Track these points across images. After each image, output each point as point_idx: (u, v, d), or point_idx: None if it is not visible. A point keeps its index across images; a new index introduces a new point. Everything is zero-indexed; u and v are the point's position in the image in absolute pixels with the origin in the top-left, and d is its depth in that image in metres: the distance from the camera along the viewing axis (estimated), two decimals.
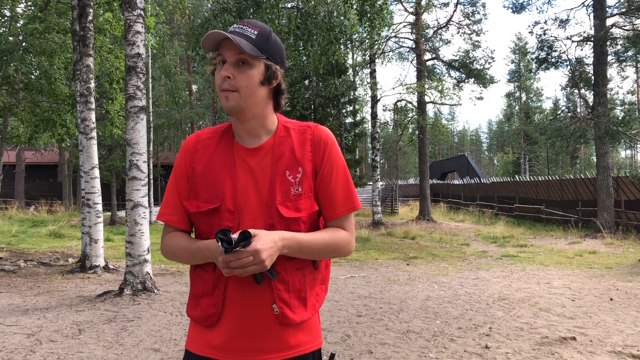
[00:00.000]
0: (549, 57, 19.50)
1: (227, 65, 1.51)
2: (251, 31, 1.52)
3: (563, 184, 21.20)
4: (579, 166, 49.18)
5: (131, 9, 7.65)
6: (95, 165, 9.67)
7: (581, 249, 13.27)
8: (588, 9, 18.59)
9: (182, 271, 9.71)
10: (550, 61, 19.52)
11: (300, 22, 12.33)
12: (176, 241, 1.61)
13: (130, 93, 7.66)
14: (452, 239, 16.33)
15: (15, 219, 20.82)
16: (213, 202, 1.55)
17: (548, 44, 19.42)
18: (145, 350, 4.83)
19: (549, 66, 19.70)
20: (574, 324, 5.77)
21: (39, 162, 34.78)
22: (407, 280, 8.87)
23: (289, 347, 1.57)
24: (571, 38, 18.79)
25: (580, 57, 19.73)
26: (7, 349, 4.86)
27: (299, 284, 1.58)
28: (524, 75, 55.72)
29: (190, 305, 1.64)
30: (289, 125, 1.65)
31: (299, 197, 1.56)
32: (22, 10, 14.35)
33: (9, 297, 7.32)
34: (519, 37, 57.54)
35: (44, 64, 12.39)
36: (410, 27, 25.07)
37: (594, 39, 17.37)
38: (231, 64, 1.51)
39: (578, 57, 19.65)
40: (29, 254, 11.68)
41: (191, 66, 35.05)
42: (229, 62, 1.52)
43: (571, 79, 19.50)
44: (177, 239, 1.61)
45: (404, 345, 5.00)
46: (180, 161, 1.64)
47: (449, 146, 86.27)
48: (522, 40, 55.97)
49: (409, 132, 25.59)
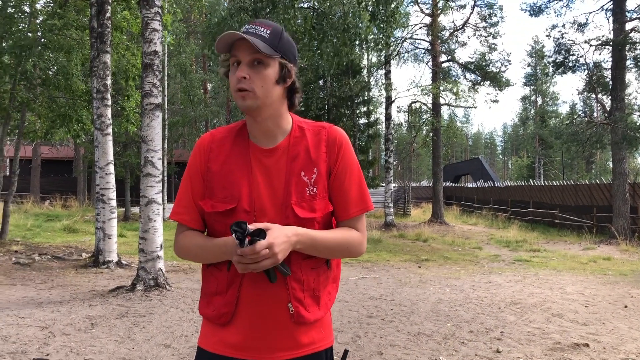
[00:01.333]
0: (566, 61, 19.33)
1: (243, 65, 1.51)
2: (264, 31, 1.52)
3: (578, 189, 20.99)
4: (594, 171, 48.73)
5: (149, 7, 7.70)
6: (110, 161, 9.75)
7: (595, 255, 13.13)
8: (607, 12, 18.42)
9: (193, 268, 9.76)
10: (567, 65, 19.35)
11: (315, 23, 12.34)
12: (192, 240, 1.61)
13: (146, 90, 7.72)
14: (464, 242, 16.25)
15: (30, 213, 21.06)
16: (229, 202, 1.55)
17: (565, 47, 19.26)
18: (156, 346, 4.86)
19: (566, 70, 19.54)
20: (587, 331, 5.71)
21: (54, 157, 35.12)
22: (418, 282, 8.84)
23: (302, 345, 1.57)
24: (589, 42, 18.60)
25: (598, 62, 19.53)
26: (22, 341, 4.92)
27: (313, 283, 1.58)
28: (540, 78, 55.30)
29: (203, 303, 1.64)
30: (304, 126, 1.65)
31: (314, 198, 1.56)
32: (41, 7, 14.51)
33: (24, 290, 7.40)
34: (536, 40, 57.14)
35: (61, 60, 12.51)
36: (427, 29, 25.00)
37: (613, 43, 17.19)
38: (246, 64, 1.51)
39: (596, 62, 19.47)
40: (44, 247, 11.82)
41: (207, 64, 35.24)
42: (243, 63, 1.51)
43: (588, 83, 19.32)
44: (192, 237, 1.61)
45: (414, 347, 4.98)
46: (194, 160, 1.64)
47: (463, 149, 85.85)
48: (539, 44, 55.55)
49: (423, 134, 25.52)
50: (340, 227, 1.64)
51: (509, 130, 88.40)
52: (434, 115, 23.61)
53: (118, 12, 11.86)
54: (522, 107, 63.34)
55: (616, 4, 17.53)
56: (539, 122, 51.97)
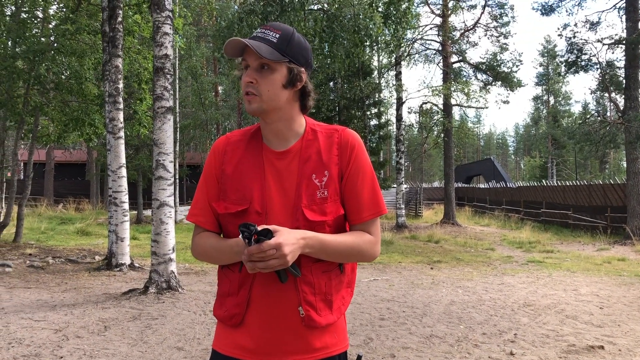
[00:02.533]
0: (578, 60, 19.17)
1: (250, 70, 1.54)
2: (273, 35, 1.54)
3: (592, 189, 20.79)
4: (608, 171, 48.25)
5: (160, 11, 7.74)
6: (122, 165, 9.81)
7: (610, 256, 12.99)
8: (620, 11, 18.23)
9: (206, 270, 9.79)
10: (579, 64, 19.19)
11: (326, 25, 12.34)
12: (206, 241, 1.63)
13: (157, 94, 7.75)
14: (477, 244, 16.16)
15: (44, 216, 21.25)
16: (241, 204, 1.56)
17: (578, 46, 19.10)
18: (169, 349, 4.88)
19: (578, 69, 19.37)
20: (602, 333, 5.64)
21: (67, 161, 35.45)
22: (430, 284, 8.79)
23: (314, 349, 1.57)
24: (602, 41, 18.44)
25: (611, 60, 19.33)
26: (36, 344, 4.96)
27: (325, 287, 1.58)
28: (552, 78, 54.85)
29: (217, 304, 1.66)
30: (317, 129, 1.66)
31: (325, 201, 1.56)
32: (54, 12, 14.65)
33: (38, 293, 7.46)
34: (548, 40, 56.76)
35: (74, 64, 12.61)
36: (437, 29, 24.93)
37: (626, 42, 17.02)
38: (253, 69, 1.54)
39: (609, 60, 19.27)
40: (57, 250, 11.91)
41: (217, 67, 35.35)
42: (251, 67, 1.54)
43: (601, 82, 19.15)
44: (207, 238, 1.64)
45: (427, 350, 4.95)
46: (210, 163, 1.67)
47: (475, 149, 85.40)
48: (551, 43, 55.10)
49: (434, 134, 25.40)
50: (353, 230, 1.63)
51: (521, 130, 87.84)
52: (445, 116, 23.51)
53: (129, 17, 11.94)
54: (534, 107, 62.85)
55: (629, 2, 17.35)
56: (551, 122, 51.55)
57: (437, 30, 24.94)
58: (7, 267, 9.33)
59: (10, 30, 12.07)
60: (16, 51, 12.20)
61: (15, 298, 7.09)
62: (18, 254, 10.97)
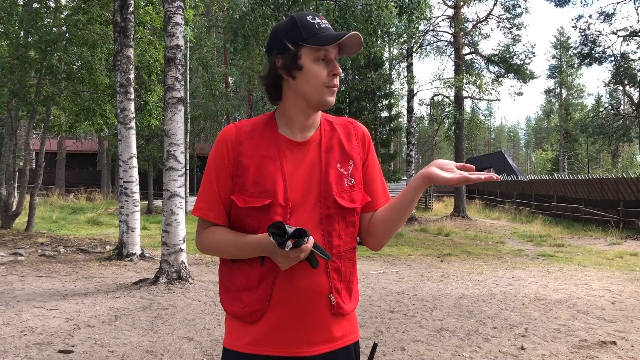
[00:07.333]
0: (592, 52, 18.97)
1: (336, 63, 1.55)
2: None
3: (604, 183, 20.60)
4: (620, 165, 47.81)
5: (171, 1, 7.73)
6: (133, 155, 9.84)
7: (622, 251, 12.88)
8: (636, 2, 17.98)
9: (216, 261, 9.82)
10: (593, 56, 18.99)
11: (338, 15, 12.26)
12: (221, 236, 1.56)
13: (168, 84, 7.75)
14: (487, 237, 16.09)
15: (55, 206, 21.42)
16: (264, 197, 1.50)
17: (592, 38, 18.90)
18: (179, 339, 4.90)
19: (592, 62, 19.18)
20: (614, 328, 5.59)
21: (79, 151, 35.61)
22: (440, 277, 8.77)
23: (335, 338, 1.56)
24: (617, 33, 18.22)
25: (625, 53, 19.14)
26: (47, 332, 5.00)
27: (349, 275, 1.60)
28: (565, 71, 54.31)
29: (227, 299, 1.59)
30: (332, 120, 1.67)
31: (352, 189, 1.59)
32: (65, 2, 14.68)
33: (50, 282, 7.53)
34: (561, 32, 56.03)
35: (85, 54, 12.65)
36: (449, 21, 24.69)
37: None
38: (333, 61, 1.55)
39: (623, 53, 19.09)
40: (69, 240, 12.00)
41: (228, 58, 35.32)
42: (335, 60, 1.55)
43: (615, 75, 18.95)
44: (221, 234, 1.56)
45: (437, 343, 4.94)
46: (220, 153, 1.56)
47: (486, 142, 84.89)
48: (564, 35, 54.49)
49: (445, 127, 25.25)
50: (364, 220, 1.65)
51: (532, 123, 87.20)
52: (457, 108, 23.34)
53: (141, 7, 11.94)
54: (546, 99, 62.34)
55: None
56: (563, 115, 51.12)
57: (450, 22, 24.70)
58: (19, 255, 9.41)
59: (22, 20, 12.11)
60: (28, 41, 12.26)
61: (27, 287, 7.15)
62: (30, 242, 11.07)
